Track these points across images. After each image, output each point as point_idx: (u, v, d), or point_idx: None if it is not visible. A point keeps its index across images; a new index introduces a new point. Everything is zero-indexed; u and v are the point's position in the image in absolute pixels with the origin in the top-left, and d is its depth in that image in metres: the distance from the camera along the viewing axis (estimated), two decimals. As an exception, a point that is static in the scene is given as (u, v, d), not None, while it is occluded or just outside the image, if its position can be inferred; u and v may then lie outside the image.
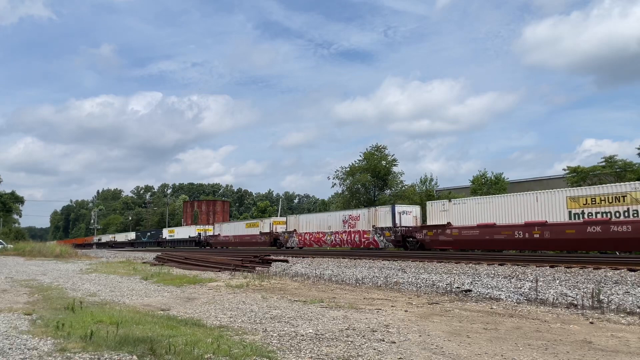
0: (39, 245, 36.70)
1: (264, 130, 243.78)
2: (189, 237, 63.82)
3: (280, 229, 44.74)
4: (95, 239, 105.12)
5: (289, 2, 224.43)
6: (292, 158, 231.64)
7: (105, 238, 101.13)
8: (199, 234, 61.07)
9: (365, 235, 34.74)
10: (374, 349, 4.94)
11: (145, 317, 6.75)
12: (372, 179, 50.03)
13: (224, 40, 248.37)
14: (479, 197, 30.94)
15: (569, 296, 8.90)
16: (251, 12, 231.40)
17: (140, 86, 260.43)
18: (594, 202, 23.08)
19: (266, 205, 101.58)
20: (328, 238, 38.30)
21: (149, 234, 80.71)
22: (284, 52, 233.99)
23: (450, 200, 30.00)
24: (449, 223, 29.06)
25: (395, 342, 5.27)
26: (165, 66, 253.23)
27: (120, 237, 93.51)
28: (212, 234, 58.72)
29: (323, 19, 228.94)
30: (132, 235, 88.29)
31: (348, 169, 51.82)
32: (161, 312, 7.64)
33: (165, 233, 72.02)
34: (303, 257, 22.45)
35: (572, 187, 30.61)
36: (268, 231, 45.55)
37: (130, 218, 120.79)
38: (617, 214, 22.19)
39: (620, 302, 8.17)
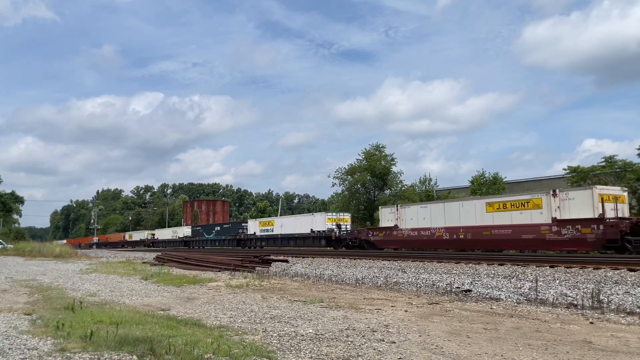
0: (39, 245, 36.69)
1: (264, 130, 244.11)
2: (313, 231, 39.48)
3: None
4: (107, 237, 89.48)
5: (290, 2, 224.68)
6: (292, 158, 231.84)
7: (139, 235, 79.49)
8: (337, 226, 37.92)
9: None
10: (374, 349, 4.94)
11: (145, 317, 6.75)
12: (371, 179, 50.02)
13: (225, 40, 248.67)
14: None
15: (569, 296, 8.90)
16: (252, 12, 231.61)
17: (141, 86, 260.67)
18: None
19: (266, 205, 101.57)
20: None
21: (218, 228, 57.46)
22: (284, 52, 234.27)
23: None
24: None
25: (395, 342, 5.27)
26: (166, 66, 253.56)
27: (165, 234, 70.65)
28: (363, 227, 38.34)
29: (324, 19, 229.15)
30: (185, 231, 65.35)
31: (347, 168, 51.85)
32: (161, 312, 7.64)
33: (254, 226, 49.34)
34: (303, 257, 22.45)
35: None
36: (593, 216, 21.51)
37: (130, 218, 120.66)
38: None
39: (620, 302, 8.17)
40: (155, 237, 71.98)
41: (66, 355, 4.43)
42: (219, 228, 56.94)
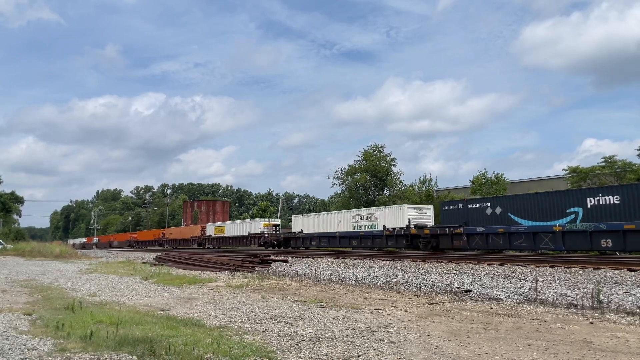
0: (39, 245, 36.67)
1: (265, 131, 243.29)
2: None
3: None
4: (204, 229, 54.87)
5: (292, 2, 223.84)
6: (293, 158, 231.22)
7: (244, 227, 47.36)
8: None
9: None
10: (374, 349, 4.94)
11: (145, 317, 6.75)
12: (371, 179, 50.01)
13: (226, 41, 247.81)
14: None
15: (569, 296, 8.90)
16: (254, 12, 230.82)
17: (143, 87, 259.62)
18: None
19: (266, 206, 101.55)
20: None
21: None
22: (286, 52, 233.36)
23: None
24: None
25: (395, 342, 5.27)
26: (167, 66, 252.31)
27: (326, 224, 36.40)
28: None
29: (325, 19, 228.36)
30: (343, 222, 34.58)
31: (347, 168, 51.82)
32: (161, 312, 7.64)
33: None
34: (303, 257, 22.44)
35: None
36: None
37: (130, 218, 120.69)
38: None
39: (620, 302, 8.17)
40: (299, 232, 38.96)
41: (66, 356, 4.43)
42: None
